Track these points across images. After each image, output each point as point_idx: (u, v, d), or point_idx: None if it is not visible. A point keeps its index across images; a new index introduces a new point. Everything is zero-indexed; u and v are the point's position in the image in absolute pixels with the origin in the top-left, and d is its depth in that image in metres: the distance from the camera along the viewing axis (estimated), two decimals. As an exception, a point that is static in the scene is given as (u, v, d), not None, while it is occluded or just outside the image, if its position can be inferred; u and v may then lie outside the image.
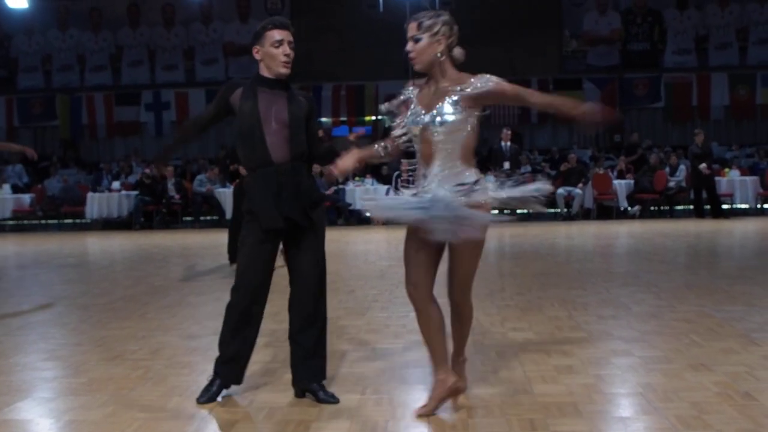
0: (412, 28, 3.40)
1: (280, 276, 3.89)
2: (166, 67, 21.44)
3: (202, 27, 21.17)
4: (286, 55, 3.64)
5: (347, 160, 3.57)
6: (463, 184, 3.36)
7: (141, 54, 21.40)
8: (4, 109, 21.58)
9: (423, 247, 3.39)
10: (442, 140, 3.39)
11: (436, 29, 3.36)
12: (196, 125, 4.03)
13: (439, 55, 3.37)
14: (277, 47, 3.62)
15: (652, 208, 16.46)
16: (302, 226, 3.65)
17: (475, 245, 3.41)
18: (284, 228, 3.62)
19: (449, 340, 3.63)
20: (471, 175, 3.39)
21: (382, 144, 3.63)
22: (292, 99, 3.69)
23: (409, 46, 3.41)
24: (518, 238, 12.16)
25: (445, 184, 3.35)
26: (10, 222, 17.54)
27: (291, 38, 3.68)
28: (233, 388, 3.83)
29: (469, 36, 19.70)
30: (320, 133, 3.94)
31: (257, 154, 3.61)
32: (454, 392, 3.44)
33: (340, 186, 15.84)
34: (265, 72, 3.68)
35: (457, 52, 3.45)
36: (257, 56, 3.68)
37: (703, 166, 14.86)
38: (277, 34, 3.63)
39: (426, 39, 3.37)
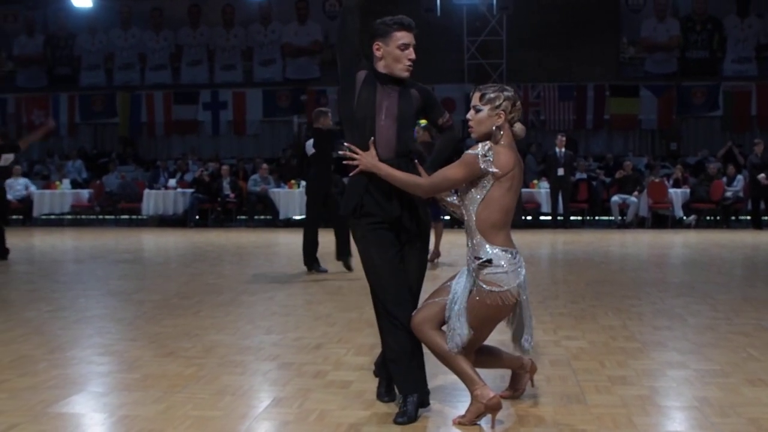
0: (475, 98, 3.43)
1: (330, 278, 3.91)
2: (224, 67, 21.71)
3: (260, 28, 21.38)
4: (411, 60, 3.58)
5: None
6: (478, 258, 3.35)
7: (200, 54, 21.71)
8: (66, 105, 22.09)
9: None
10: (466, 210, 3.43)
11: (497, 103, 3.38)
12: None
13: (495, 129, 3.37)
14: (403, 50, 3.55)
15: (708, 218, 16.12)
16: (408, 228, 3.59)
17: (486, 307, 3.35)
18: (400, 219, 3.56)
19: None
20: (489, 251, 3.34)
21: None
22: (404, 94, 3.62)
23: (470, 114, 3.44)
24: (571, 245, 12.03)
25: (470, 252, 3.40)
26: (69, 216, 17.94)
27: (415, 41, 3.61)
28: (285, 390, 3.85)
29: (527, 41, 19.61)
30: (441, 120, 3.79)
31: (364, 146, 3.52)
32: (490, 408, 3.35)
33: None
34: (381, 68, 3.59)
35: (518, 127, 3.42)
36: (377, 53, 3.57)
37: (761, 176, 14.52)
38: (405, 37, 3.56)
39: (486, 111, 3.39)
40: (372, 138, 3.50)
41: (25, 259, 10.55)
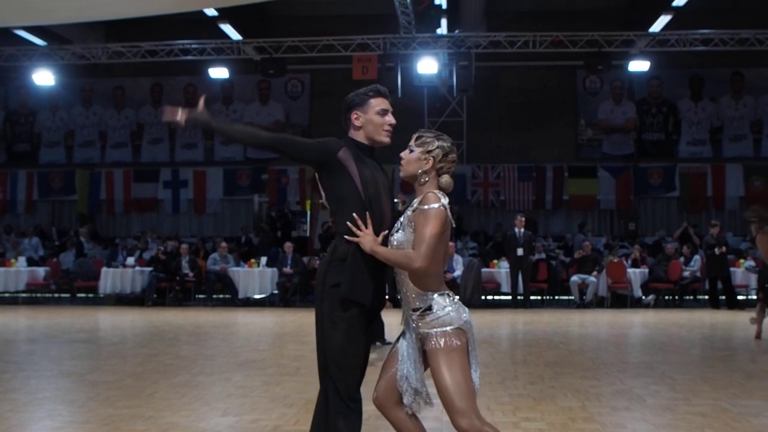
0: (412, 139, 3.46)
1: (288, 358, 3.85)
2: (185, 146, 21.78)
3: (222, 107, 21.57)
4: (390, 125, 3.57)
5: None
6: (415, 309, 3.34)
7: (161, 132, 21.78)
8: (25, 182, 21.92)
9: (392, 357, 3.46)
10: (397, 268, 3.39)
11: (429, 148, 3.39)
12: (262, 136, 3.58)
13: (420, 172, 3.37)
14: (383, 115, 3.55)
15: (666, 297, 16.32)
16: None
17: (447, 354, 3.26)
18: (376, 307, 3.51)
19: None
20: (425, 298, 3.32)
21: None
22: (381, 168, 3.61)
23: (403, 153, 3.45)
24: (531, 326, 12.05)
25: (407, 306, 3.37)
26: (24, 294, 17.56)
27: (391, 108, 3.60)
28: None
29: (487, 122, 20.09)
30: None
31: (373, 226, 3.40)
32: None
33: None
34: (361, 138, 3.55)
35: (445, 180, 3.40)
36: (357, 122, 3.54)
37: (716, 249, 14.78)
38: (383, 103, 3.57)
39: (417, 153, 3.40)
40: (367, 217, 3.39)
41: (-25, 339, 10.28)
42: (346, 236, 3.39)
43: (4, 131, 22.31)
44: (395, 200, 3.69)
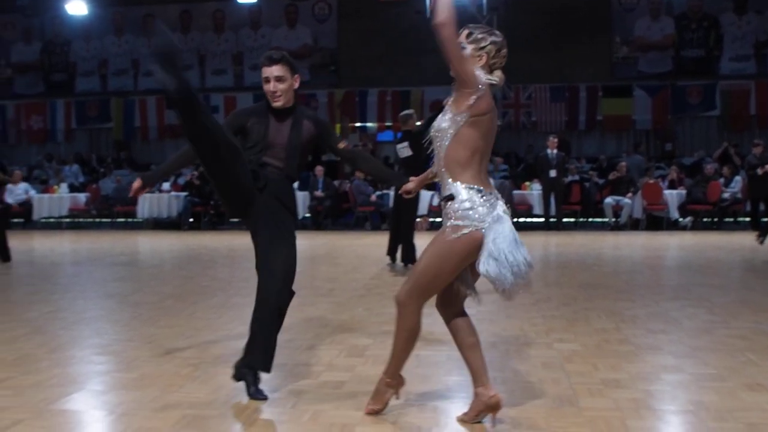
0: (462, 36, 3.35)
1: (322, 280, 3.90)
2: (215, 72, 21.74)
3: (250, 32, 21.40)
4: (272, 92, 3.89)
5: (411, 185, 3.94)
6: (444, 198, 3.34)
7: (191, 59, 21.70)
8: (63, 111, 22.20)
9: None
10: (436, 147, 3.40)
11: (482, 44, 3.33)
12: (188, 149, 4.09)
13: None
14: (265, 84, 3.90)
15: (705, 219, 16.12)
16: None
17: (436, 244, 3.30)
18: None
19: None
20: (452, 187, 3.31)
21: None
22: (298, 127, 3.92)
23: None
24: (564, 248, 12.04)
25: (440, 195, 3.39)
26: (67, 219, 18.00)
27: (280, 72, 3.88)
28: (278, 390, 3.87)
29: (517, 42, 19.63)
30: (363, 139, 4.14)
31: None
32: (491, 408, 3.34)
33: (384, 191, 15.87)
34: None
35: (497, 75, 3.36)
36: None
37: (759, 170, 14.45)
38: (264, 71, 3.92)
39: (469, 50, 3.33)
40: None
41: (25, 262, 10.70)
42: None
43: (42, 61, 22.43)
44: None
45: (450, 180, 3.31)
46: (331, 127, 4.24)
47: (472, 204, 3.25)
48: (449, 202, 3.30)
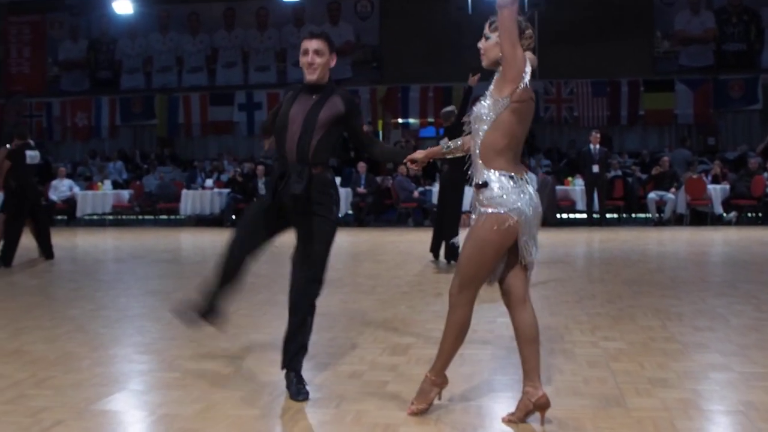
0: (486, 27, 3.44)
1: (365, 277, 3.90)
2: (258, 68, 21.87)
3: (293, 29, 21.47)
4: (309, 63, 3.87)
5: (417, 154, 3.99)
6: (477, 185, 3.36)
7: (235, 56, 21.90)
8: (108, 108, 22.53)
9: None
10: (474, 138, 3.42)
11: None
12: None
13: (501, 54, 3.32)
14: (303, 56, 3.90)
15: (749, 214, 15.83)
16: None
17: (473, 235, 3.37)
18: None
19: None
20: (485, 174, 3.34)
21: (450, 141, 3.84)
22: (322, 101, 3.91)
23: (480, 43, 3.45)
24: (608, 244, 11.90)
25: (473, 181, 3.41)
26: (110, 216, 18.24)
27: (318, 46, 3.87)
28: (321, 391, 3.87)
29: (559, 37, 19.48)
30: (405, 135, 4.13)
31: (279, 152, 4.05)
32: (539, 408, 3.32)
33: (427, 187, 15.84)
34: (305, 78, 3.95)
35: (528, 56, 3.36)
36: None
37: None
38: (303, 44, 3.92)
39: (494, 38, 3.37)
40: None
41: (68, 259, 10.79)
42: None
43: (88, 59, 22.83)
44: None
45: (484, 167, 3.34)
46: (360, 110, 4.24)
47: (503, 191, 3.29)
48: (482, 189, 3.32)
